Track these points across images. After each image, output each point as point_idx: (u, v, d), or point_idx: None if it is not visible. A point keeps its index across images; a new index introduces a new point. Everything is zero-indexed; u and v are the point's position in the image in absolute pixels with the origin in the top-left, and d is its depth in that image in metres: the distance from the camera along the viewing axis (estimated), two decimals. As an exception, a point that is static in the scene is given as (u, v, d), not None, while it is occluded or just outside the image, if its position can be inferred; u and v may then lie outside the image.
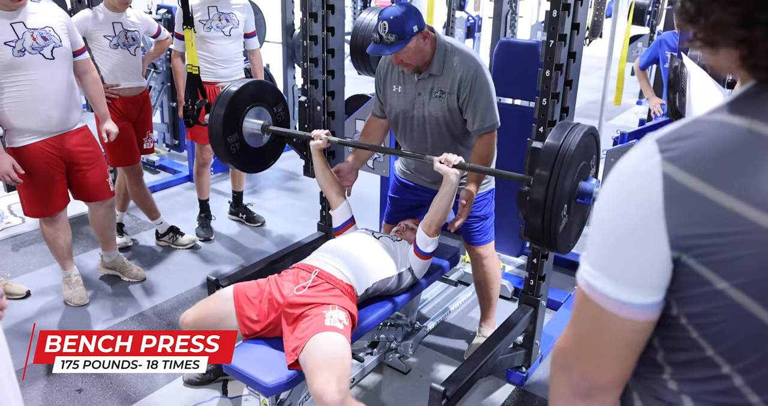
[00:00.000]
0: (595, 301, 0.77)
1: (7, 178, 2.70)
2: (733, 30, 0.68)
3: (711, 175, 0.67)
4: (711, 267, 0.68)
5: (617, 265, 0.74)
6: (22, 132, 2.77)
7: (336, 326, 1.98)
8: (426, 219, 2.31)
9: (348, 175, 2.59)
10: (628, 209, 0.72)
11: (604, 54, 3.30)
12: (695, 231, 0.68)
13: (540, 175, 1.72)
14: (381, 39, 2.20)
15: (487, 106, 2.31)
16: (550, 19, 2.11)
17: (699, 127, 0.71)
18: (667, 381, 0.80)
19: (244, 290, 2.15)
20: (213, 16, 3.56)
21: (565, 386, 0.86)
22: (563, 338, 0.86)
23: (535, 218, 1.72)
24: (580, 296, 0.80)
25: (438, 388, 1.98)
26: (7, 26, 2.61)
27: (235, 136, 2.58)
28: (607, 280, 0.75)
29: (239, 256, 3.76)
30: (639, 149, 0.74)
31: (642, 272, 0.73)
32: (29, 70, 2.68)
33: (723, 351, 0.72)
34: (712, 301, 0.70)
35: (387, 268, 2.31)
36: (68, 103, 2.85)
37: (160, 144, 5.41)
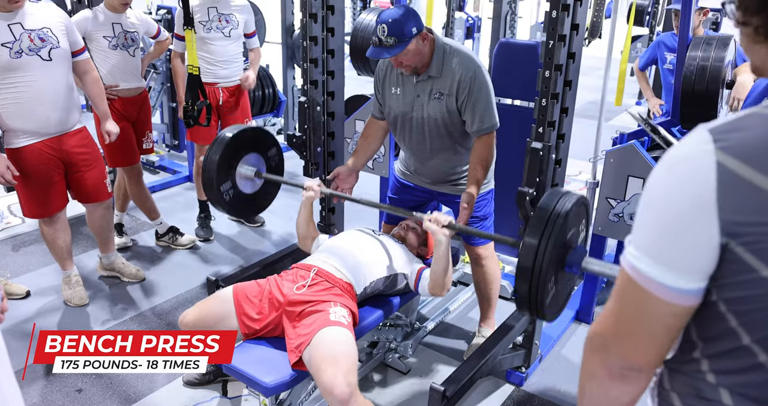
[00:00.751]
0: (640, 284, 0.77)
1: (2, 179, 2.69)
2: None
3: (763, 166, 0.69)
4: (758, 255, 0.70)
5: (665, 249, 0.75)
6: (20, 133, 2.76)
7: (340, 321, 1.99)
8: (430, 284, 2.25)
9: (348, 179, 2.59)
10: (680, 193, 0.73)
11: (603, 54, 3.30)
12: (746, 219, 0.69)
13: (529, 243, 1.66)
14: (380, 42, 2.20)
15: (486, 107, 2.31)
16: (550, 20, 2.12)
17: (753, 120, 0.72)
18: (705, 374, 0.81)
19: (243, 289, 2.15)
20: (213, 17, 3.56)
21: (600, 367, 0.87)
22: (602, 321, 0.87)
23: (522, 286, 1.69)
24: (624, 278, 0.80)
25: (438, 388, 1.99)
26: (4, 27, 2.60)
27: (228, 184, 2.50)
28: (653, 263, 0.76)
29: (239, 256, 3.77)
30: (692, 138, 0.75)
31: (690, 257, 0.74)
32: (27, 71, 2.67)
33: (760, 339, 0.73)
34: (755, 288, 0.71)
35: (385, 267, 2.31)
36: (66, 105, 2.84)
37: (160, 144, 5.42)
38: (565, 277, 1.76)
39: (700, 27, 3.97)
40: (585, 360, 0.91)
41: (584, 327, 3.07)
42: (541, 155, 2.19)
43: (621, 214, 2.77)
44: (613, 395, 0.88)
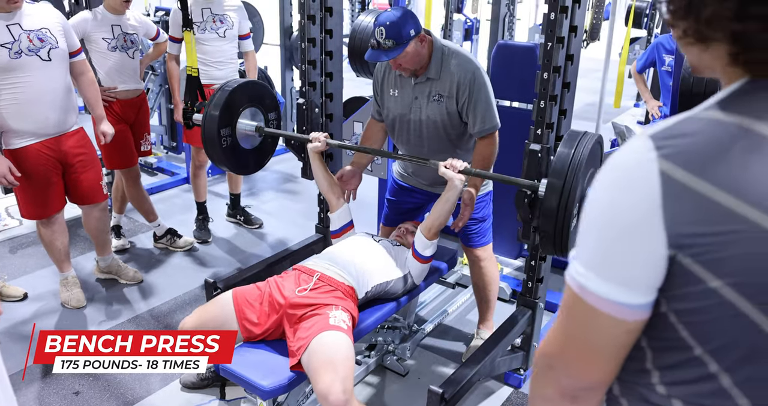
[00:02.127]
0: (588, 302, 0.75)
1: (4, 181, 2.68)
2: (727, 23, 0.68)
3: (707, 174, 0.67)
4: (705, 265, 0.68)
5: (611, 264, 0.73)
6: (19, 134, 2.76)
7: (340, 325, 1.99)
8: (426, 222, 2.31)
9: (351, 180, 2.59)
10: (623, 206, 0.71)
11: (601, 56, 3.31)
12: (692, 229, 0.68)
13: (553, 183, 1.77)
14: (378, 45, 2.20)
15: (487, 108, 2.32)
16: (548, 22, 2.12)
17: (694, 125, 0.70)
18: (656, 386, 0.79)
19: (243, 293, 2.14)
20: (207, 17, 3.56)
21: (551, 388, 0.85)
22: (549, 341, 0.84)
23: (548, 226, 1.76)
24: (571, 297, 0.78)
25: (436, 390, 1.98)
26: (3, 28, 2.60)
27: (228, 130, 2.58)
28: (600, 280, 0.73)
29: (237, 258, 3.76)
30: (633, 146, 0.72)
31: (637, 271, 0.72)
32: (26, 71, 2.67)
33: (711, 349, 0.72)
34: (704, 299, 0.69)
35: (386, 272, 2.31)
36: (65, 105, 2.84)
37: (158, 146, 5.41)
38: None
39: None
40: (534, 382, 0.89)
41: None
42: (539, 157, 2.19)
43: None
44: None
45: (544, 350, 0.85)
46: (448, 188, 2.20)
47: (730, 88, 0.73)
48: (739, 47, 0.69)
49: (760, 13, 0.66)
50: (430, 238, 2.31)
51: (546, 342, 0.85)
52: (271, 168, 5.37)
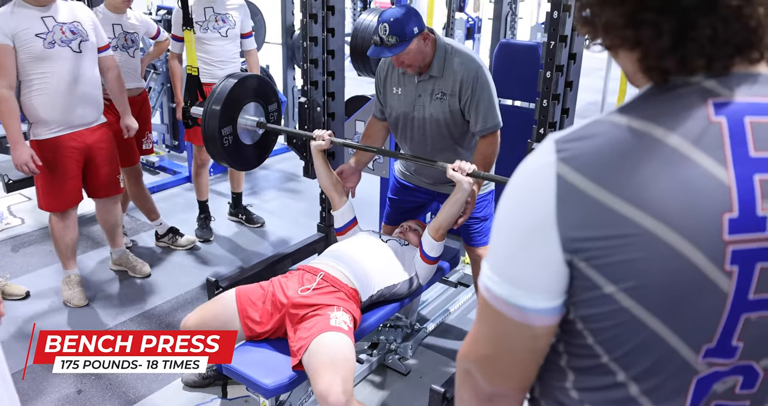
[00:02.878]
0: (494, 305, 0.74)
1: (25, 168, 2.77)
2: (622, 31, 0.68)
3: (601, 177, 0.66)
4: (599, 270, 0.67)
5: (514, 268, 0.72)
6: (48, 124, 2.85)
7: (341, 326, 1.98)
8: (434, 224, 2.31)
9: (351, 177, 2.59)
10: (522, 210, 0.71)
11: (604, 55, 3.31)
12: (585, 234, 0.67)
13: None
14: (382, 41, 2.20)
15: (489, 107, 2.31)
16: (551, 21, 2.11)
17: (596, 128, 0.70)
18: (569, 390, 0.78)
19: (246, 292, 2.14)
20: (209, 16, 3.56)
21: (468, 392, 0.84)
22: (466, 344, 0.83)
23: None
24: (481, 300, 0.77)
25: (438, 389, 1.98)
26: (38, 19, 2.72)
27: (229, 129, 2.58)
28: (504, 283, 0.73)
29: (239, 257, 3.76)
30: (539, 149, 0.72)
31: (537, 276, 0.71)
32: (58, 61, 2.77)
33: (617, 357, 0.71)
34: (601, 305, 0.69)
35: (393, 275, 2.31)
36: (92, 98, 2.95)
37: (160, 145, 5.41)
38: None
39: None
40: (456, 385, 0.88)
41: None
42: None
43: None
44: None
45: (461, 353, 0.84)
46: (456, 191, 2.20)
47: (636, 94, 0.73)
48: (639, 54, 0.69)
49: (650, 20, 0.65)
50: (437, 239, 2.31)
51: (464, 345, 0.84)
52: (273, 167, 5.37)
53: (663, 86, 0.70)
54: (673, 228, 0.63)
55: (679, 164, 0.64)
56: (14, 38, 2.67)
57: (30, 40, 2.69)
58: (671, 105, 0.68)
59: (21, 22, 2.68)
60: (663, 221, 0.63)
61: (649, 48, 0.67)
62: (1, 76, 2.68)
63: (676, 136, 0.65)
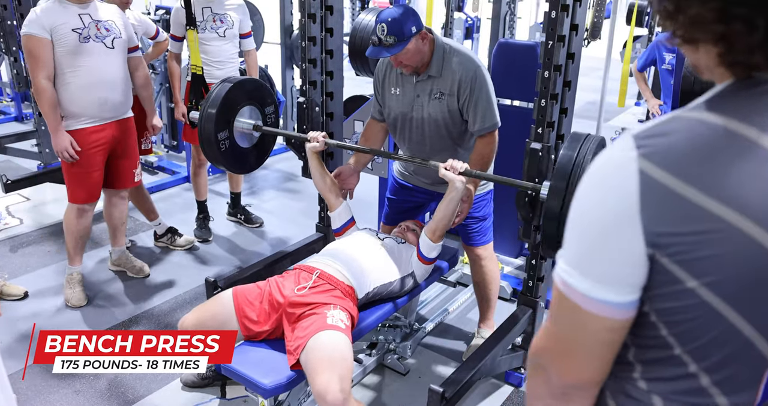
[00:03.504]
0: (572, 299, 0.75)
1: (65, 154, 2.90)
2: (711, 25, 0.67)
3: (685, 173, 0.67)
4: (682, 265, 0.68)
5: (594, 262, 0.73)
6: (78, 116, 2.94)
7: (338, 325, 1.98)
8: (430, 225, 2.30)
9: (349, 179, 2.59)
10: (604, 205, 0.71)
11: (603, 55, 3.31)
12: (669, 229, 0.68)
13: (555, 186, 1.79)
14: (380, 41, 2.20)
15: (487, 107, 2.31)
16: (549, 20, 2.12)
17: (676, 124, 0.70)
18: (637, 380, 0.79)
19: (243, 292, 2.14)
20: (207, 17, 3.55)
21: (542, 386, 0.85)
22: (540, 338, 0.84)
23: (551, 227, 1.79)
24: (557, 294, 0.78)
25: (437, 389, 1.98)
26: (75, 15, 2.85)
27: (226, 133, 2.58)
28: (583, 278, 0.74)
29: (237, 257, 3.76)
30: (617, 145, 0.73)
31: (619, 270, 0.72)
32: (90, 56, 2.88)
33: (690, 350, 0.72)
34: (681, 299, 0.70)
35: (389, 272, 2.31)
36: (120, 91, 3.04)
37: (159, 145, 5.41)
38: None
39: None
40: (527, 380, 0.89)
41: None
42: (540, 156, 2.19)
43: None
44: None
45: (535, 347, 0.85)
46: (450, 190, 2.20)
47: (717, 89, 0.73)
48: (723, 48, 0.69)
49: (743, 15, 0.65)
50: (435, 240, 2.31)
51: (536, 339, 0.85)
52: (272, 167, 5.37)
53: (747, 82, 0.70)
54: (761, 225, 0.64)
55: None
56: (52, 32, 2.79)
57: (66, 34, 2.81)
58: (761, 104, 0.68)
59: (59, 17, 2.81)
60: (751, 218, 0.64)
61: (736, 43, 0.67)
62: (40, 68, 2.80)
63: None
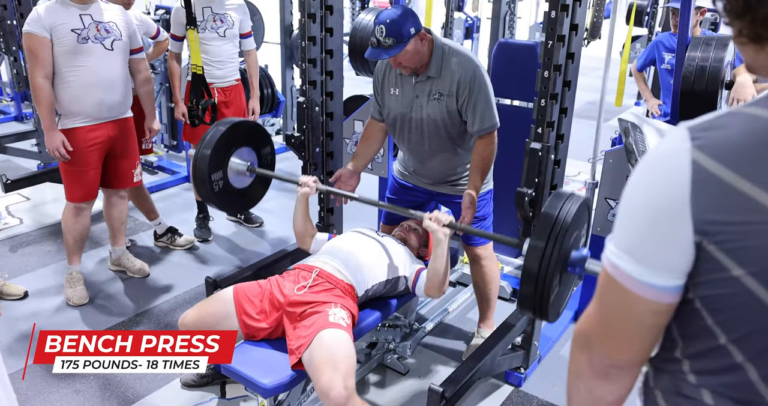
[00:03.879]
0: (620, 281, 0.79)
1: (57, 153, 2.89)
2: None
3: (737, 165, 0.69)
4: (729, 254, 0.70)
5: (643, 246, 0.76)
6: (74, 115, 2.94)
7: (340, 323, 1.99)
8: (426, 285, 2.24)
9: (350, 181, 2.59)
10: (656, 191, 0.74)
11: (602, 55, 3.31)
12: (718, 217, 0.70)
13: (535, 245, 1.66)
14: (379, 43, 2.20)
15: (486, 107, 2.32)
16: (549, 20, 2.12)
17: (731, 118, 0.73)
18: (687, 374, 0.81)
19: (244, 289, 2.15)
20: (207, 16, 3.55)
21: (585, 364, 0.88)
22: (585, 318, 0.88)
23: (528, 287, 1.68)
24: (605, 276, 0.81)
25: (436, 389, 1.98)
26: (75, 16, 2.85)
27: (219, 174, 2.47)
28: (632, 261, 0.77)
29: (237, 257, 3.76)
30: (671, 136, 0.76)
31: (667, 255, 0.75)
32: (89, 56, 2.88)
33: (735, 339, 0.74)
34: (727, 287, 0.72)
35: (387, 270, 2.31)
36: (119, 92, 3.03)
37: (159, 145, 5.41)
38: (568, 277, 1.77)
39: (698, 27, 3.97)
40: (571, 359, 0.93)
41: (583, 328, 3.06)
42: (540, 156, 2.19)
43: (620, 214, 2.76)
44: (598, 394, 0.90)
45: (580, 327, 0.89)
46: (434, 245, 2.13)
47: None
48: None
49: None
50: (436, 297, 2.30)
51: (582, 320, 0.89)
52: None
53: None
54: None
55: None
56: (51, 31, 2.80)
57: (65, 34, 2.82)
58: None
59: (59, 16, 2.81)
60: None
61: None
62: (38, 67, 2.81)
63: None
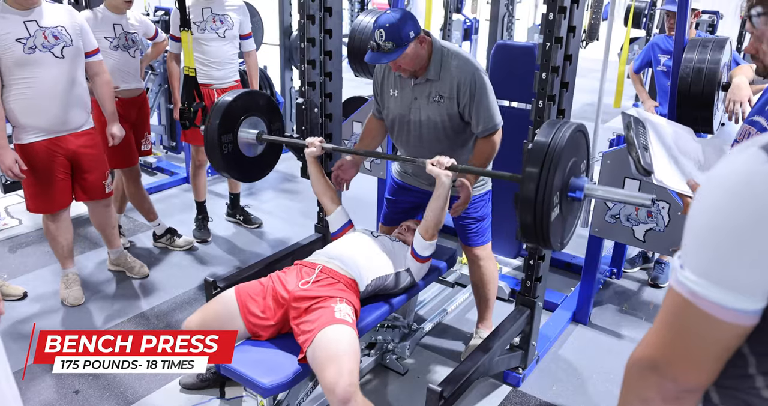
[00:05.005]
0: (701, 308, 0.76)
1: (10, 173, 2.76)
2: None
3: None
4: None
5: (726, 270, 0.74)
6: (29, 129, 2.83)
7: (345, 319, 2.00)
8: (423, 224, 2.32)
9: (349, 170, 2.61)
10: (739, 213, 0.71)
11: (600, 57, 3.32)
12: None
13: (530, 172, 1.69)
14: (378, 47, 2.21)
15: (489, 108, 2.33)
16: (547, 22, 2.13)
17: None
18: (761, 390, 0.80)
19: (246, 289, 2.15)
20: (207, 17, 3.56)
21: (653, 391, 0.85)
22: (652, 345, 0.85)
23: (526, 215, 1.70)
24: (680, 303, 0.79)
25: (435, 389, 1.99)
26: (20, 24, 2.67)
27: (229, 137, 2.56)
28: (715, 287, 0.74)
29: (236, 257, 3.77)
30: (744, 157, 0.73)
31: (752, 277, 0.72)
32: (39, 67, 2.74)
33: None
34: None
35: (384, 266, 2.32)
36: (76, 103, 2.91)
37: (158, 146, 5.42)
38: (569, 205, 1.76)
39: (692, 28, 3.98)
40: (631, 386, 0.89)
41: (581, 328, 3.08)
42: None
43: (618, 215, 2.78)
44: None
45: (646, 353, 0.86)
46: (437, 186, 2.21)
47: None
48: None
49: None
50: (428, 239, 2.32)
51: (647, 346, 0.85)
52: (271, 168, 5.37)
53: None
54: None
55: None
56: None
57: (10, 45, 2.65)
58: None
59: (2, 26, 2.64)
60: None
61: None
62: None
63: None
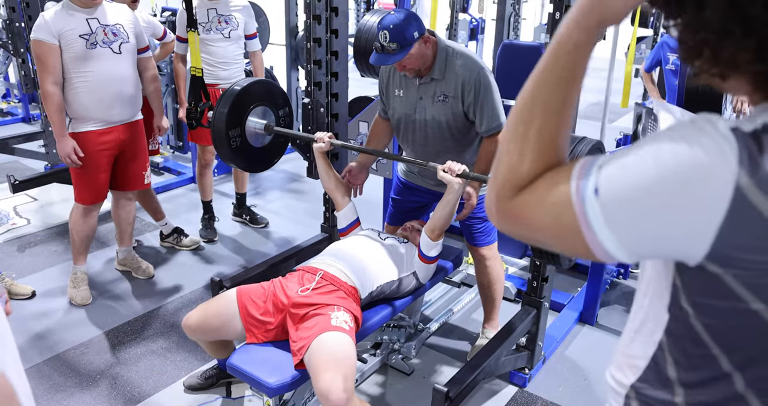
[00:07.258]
0: (580, 226, 0.70)
1: (68, 160, 2.92)
2: (748, 65, 0.67)
3: None
4: (751, 288, 0.66)
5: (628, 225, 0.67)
6: (85, 120, 2.97)
7: (342, 326, 1.99)
8: (429, 224, 2.32)
9: (359, 175, 2.61)
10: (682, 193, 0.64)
11: (607, 56, 3.31)
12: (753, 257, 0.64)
13: None
14: (383, 48, 2.21)
15: (494, 107, 2.33)
16: (553, 21, 2.12)
17: None
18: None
19: (247, 291, 2.15)
20: (212, 18, 3.57)
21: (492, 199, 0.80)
22: (523, 180, 0.77)
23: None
24: (568, 205, 0.71)
25: (441, 389, 1.99)
26: (83, 21, 2.86)
27: (237, 130, 2.61)
28: (607, 230, 0.68)
29: (243, 257, 3.78)
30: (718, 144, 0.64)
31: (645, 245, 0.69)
32: (98, 62, 2.90)
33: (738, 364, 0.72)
34: (742, 318, 0.68)
35: (391, 271, 2.32)
36: (130, 96, 3.06)
37: (164, 146, 5.43)
38: None
39: None
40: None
41: (588, 328, 3.06)
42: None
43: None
44: None
45: (515, 183, 0.78)
46: (447, 191, 2.22)
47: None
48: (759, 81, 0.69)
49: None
50: (434, 239, 2.32)
51: (522, 178, 0.78)
52: (277, 168, 5.38)
53: None
54: None
55: None
56: (60, 38, 2.81)
57: (74, 40, 2.82)
58: None
59: (67, 22, 2.81)
60: None
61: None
62: (48, 73, 2.82)
63: None
